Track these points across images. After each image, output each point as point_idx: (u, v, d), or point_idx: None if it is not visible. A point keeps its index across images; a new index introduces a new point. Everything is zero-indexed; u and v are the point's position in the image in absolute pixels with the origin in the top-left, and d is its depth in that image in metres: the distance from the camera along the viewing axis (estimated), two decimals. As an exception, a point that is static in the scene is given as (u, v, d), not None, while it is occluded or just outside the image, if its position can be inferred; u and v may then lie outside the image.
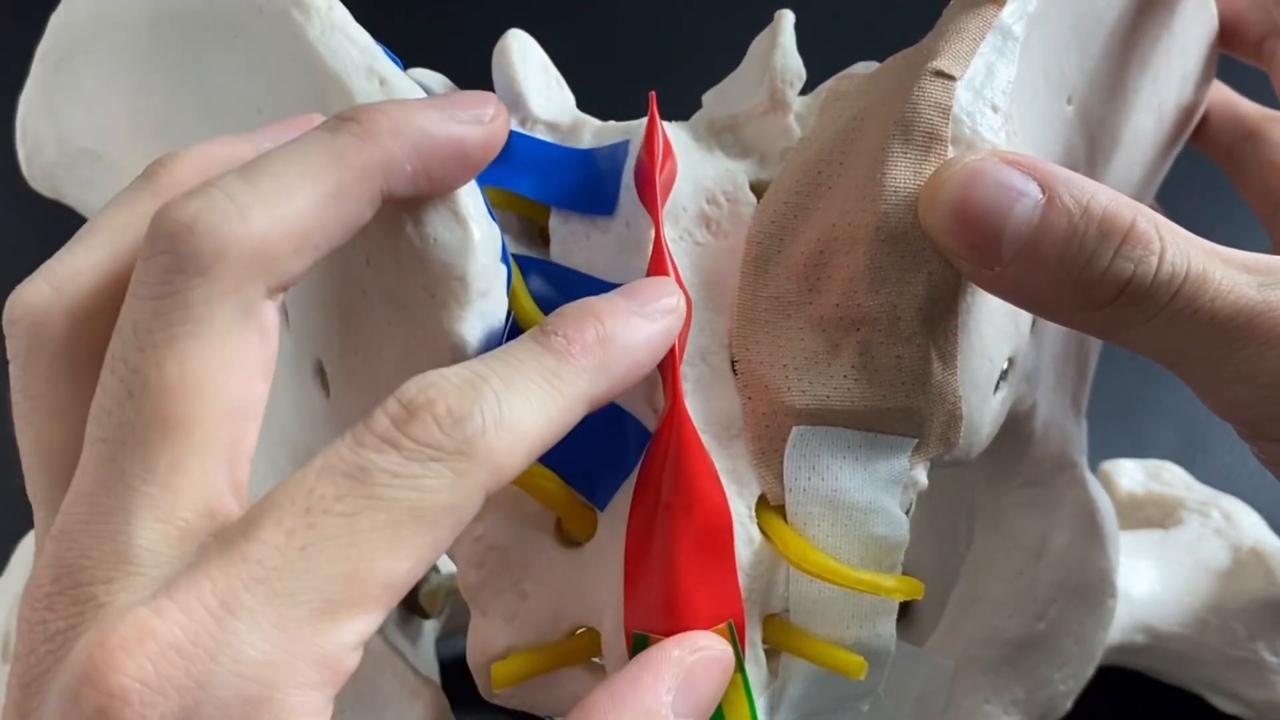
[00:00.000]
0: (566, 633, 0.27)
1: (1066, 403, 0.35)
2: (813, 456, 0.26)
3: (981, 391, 0.27)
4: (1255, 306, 0.25)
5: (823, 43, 0.32)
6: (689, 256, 0.28)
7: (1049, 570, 0.35)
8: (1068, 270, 0.24)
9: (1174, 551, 0.42)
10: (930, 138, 0.25)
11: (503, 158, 0.28)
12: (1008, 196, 0.24)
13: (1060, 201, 0.24)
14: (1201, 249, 0.25)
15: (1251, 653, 0.40)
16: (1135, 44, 0.31)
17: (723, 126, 0.29)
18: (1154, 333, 0.25)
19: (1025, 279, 0.25)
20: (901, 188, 0.25)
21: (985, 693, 0.35)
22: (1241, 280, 0.25)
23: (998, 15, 0.26)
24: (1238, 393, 0.26)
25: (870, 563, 0.26)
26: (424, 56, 0.30)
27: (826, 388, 0.26)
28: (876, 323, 0.26)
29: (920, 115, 0.25)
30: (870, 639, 0.26)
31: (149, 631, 0.19)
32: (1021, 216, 0.24)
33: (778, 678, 0.26)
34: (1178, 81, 0.33)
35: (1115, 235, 0.24)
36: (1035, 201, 0.24)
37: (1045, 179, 0.25)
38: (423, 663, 0.38)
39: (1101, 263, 0.24)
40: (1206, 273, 0.24)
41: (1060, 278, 0.24)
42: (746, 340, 0.26)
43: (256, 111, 0.27)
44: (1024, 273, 0.25)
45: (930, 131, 0.25)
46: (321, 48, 0.25)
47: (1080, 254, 0.24)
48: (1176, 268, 0.24)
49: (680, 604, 0.25)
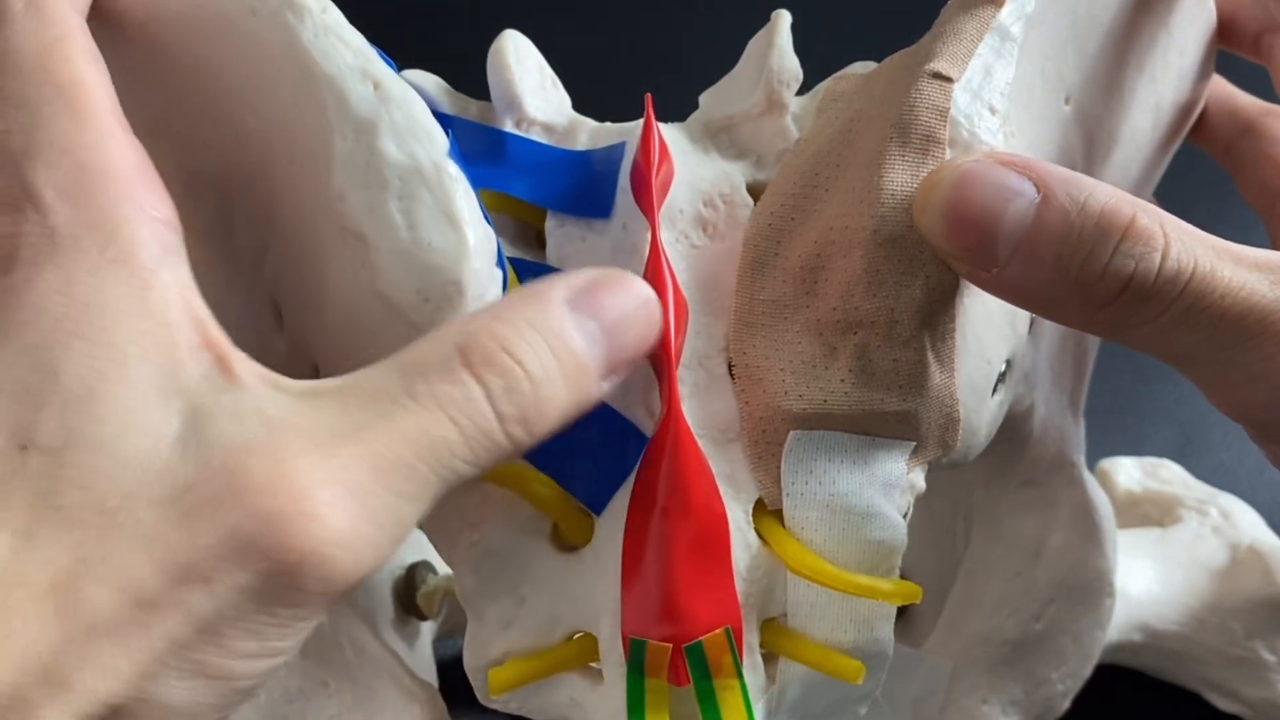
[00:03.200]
0: (563, 638, 0.27)
1: (1064, 402, 0.35)
2: (810, 461, 0.26)
3: (979, 394, 0.27)
4: (1268, 305, 0.24)
5: (819, 43, 0.32)
6: (685, 259, 0.27)
7: (1047, 570, 0.35)
8: (1066, 269, 0.24)
9: (1172, 550, 0.41)
10: (927, 140, 0.25)
11: (498, 160, 0.28)
12: (1002, 196, 0.24)
13: (1056, 200, 0.24)
14: (1209, 245, 0.24)
15: (1250, 651, 0.40)
16: (1133, 43, 0.31)
17: (719, 128, 0.29)
18: (1161, 332, 0.24)
19: (1024, 279, 0.24)
20: (899, 191, 0.25)
21: (983, 693, 0.35)
22: (1252, 278, 0.24)
23: (995, 16, 0.26)
24: (1250, 394, 0.25)
25: (868, 567, 0.26)
26: (418, 58, 0.29)
27: (824, 392, 0.26)
28: (874, 326, 0.25)
29: (917, 118, 0.25)
30: (868, 643, 0.26)
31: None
32: (1017, 216, 0.24)
33: (775, 682, 0.26)
34: (1175, 79, 0.33)
35: (1114, 232, 0.24)
36: (1030, 201, 0.24)
37: (1041, 178, 0.24)
38: (420, 664, 0.38)
39: (1100, 260, 0.24)
40: (1215, 270, 0.24)
41: (1059, 277, 0.24)
42: (743, 344, 0.26)
43: (250, 113, 0.27)
44: (1022, 273, 0.24)
45: (927, 134, 0.25)
46: (315, 50, 0.25)
47: (1078, 252, 0.24)
48: (1182, 264, 0.24)
49: (677, 609, 0.25)
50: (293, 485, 0.21)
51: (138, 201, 0.23)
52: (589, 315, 0.24)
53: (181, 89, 0.28)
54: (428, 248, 0.25)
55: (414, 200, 0.25)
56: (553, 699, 0.27)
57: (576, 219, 0.28)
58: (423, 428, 0.22)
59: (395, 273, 0.25)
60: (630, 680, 0.26)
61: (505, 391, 0.23)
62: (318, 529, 0.21)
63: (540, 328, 0.23)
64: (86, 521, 0.21)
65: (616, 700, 0.26)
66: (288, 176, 0.27)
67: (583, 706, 0.27)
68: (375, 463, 0.22)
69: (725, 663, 0.25)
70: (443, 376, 0.22)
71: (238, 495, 0.21)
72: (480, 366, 0.23)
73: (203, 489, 0.21)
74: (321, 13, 0.26)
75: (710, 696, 0.26)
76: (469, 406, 0.22)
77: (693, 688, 0.26)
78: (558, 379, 0.23)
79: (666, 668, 0.25)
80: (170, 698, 0.21)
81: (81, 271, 0.22)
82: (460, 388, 0.22)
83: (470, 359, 0.23)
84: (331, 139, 0.26)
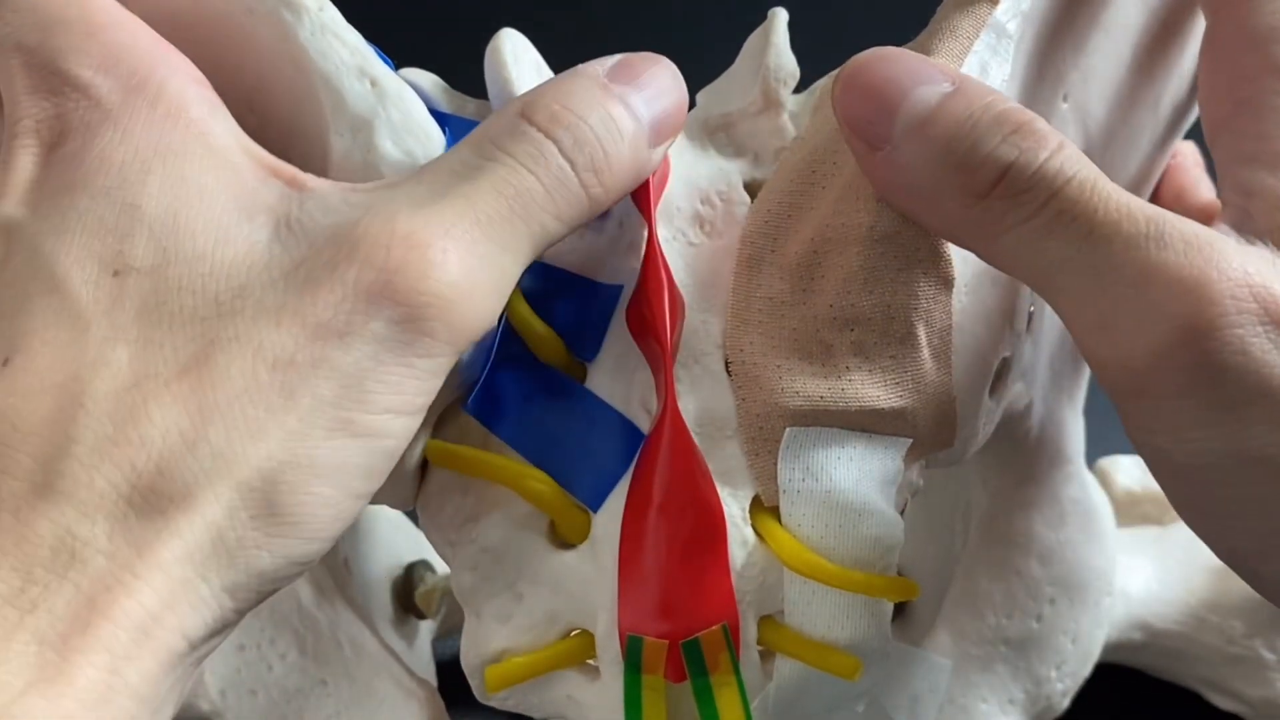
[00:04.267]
0: (561, 634, 0.27)
1: (1063, 400, 0.35)
2: (807, 457, 0.26)
3: (976, 391, 0.27)
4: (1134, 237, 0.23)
5: (816, 41, 0.32)
6: (682, 257, 0.27)
7: (1045, 568, 0.35)
8: (952, 152, 0.23)
9: (1171, 548, 0.41)
10: None
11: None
12: (913, 78, 0.24)
13: (965, 94, 0.24)
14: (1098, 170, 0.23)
15: (1249, 650, 0.40)
16: (1131, 41, 0.31)
17: (716, 126, 0.29)
18: (1031, 238, 0.23)
19: (911, 161, 0.24)
20: (895, 187, 0.25)
21: (982, 691, 0.35)
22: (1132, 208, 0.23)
23: (991, 13, 0.26)
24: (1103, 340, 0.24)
25: (865, 563, 0.26)
26: (416, 56, 0.29)
27: (820, 388, 0.26)
28: (870, 323, 0.25)
29: (913, 114, 0.25)
30: (865, 640, 0.26)
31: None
32: (921, 99, 0.24)
33: (772, 679, 0.26)
34: (1174, 77, 0.33)
35: (1007, 125, 0.23)
36: (940, 91, 0.24)
37: (961, 78, 0.24)
38: (419, 663, 0.38)
39: (985, 146, 0.23)
40: (1096, 184, 0.23)
41: (943, 160, 0.24)
42: (740, 341, 0.26)
43: (248, 111, 0.27)
44: (910, 155, 0.24)
45: None
46: (312, 49, 0.25)
47: (968, 137, 0.23)
48: (1064, 168, 0.23)
49: (674, 605, 0.25)
50: (409, 236, 0.22)
51: (173, 64, 0.24)
52: (626, 84, 0.25)
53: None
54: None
55: (411, 198, 0.25)
56: (550, 696, 0.27)
57: (573, 217, 0.28)
58: (508, 181, 0.23)
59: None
60: (627, 677, 0.26)
61: (575, 143, 0.24)
62: (440, 273, 0.22)
63: (591, 96, 0.25)
64: (205, 315, 0.22)
65: (613, 697, 0.26)
66: (285, 175, 0.27)
67: (580, 703, 0.27)
68: (475, 216, 0.23)
69: (722, 659, 0.25)
70: (514, 138, 0.24)
71: (355, 252, 0.22)
72: (547, 124, 0.24)
73: (316, 258, 0.22)
74: (319, 11, 0.26)
75: (707, 693, 0.26)
76: (544, 159, 0.24)
77: (689, 684, 0.26)
78: (618, 134, 0.24)
79: (663, 664, 0.25)
80: (320, 458, 0.22)
81: (139, 126, 0.23)
82: (533, 144, 0.24)
83: (536, 118, 0.24)
84: (329, 136, 0.26)
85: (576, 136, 0.24)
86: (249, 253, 0.23)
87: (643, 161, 0.25)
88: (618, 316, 0.27)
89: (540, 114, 0.24)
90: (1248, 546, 0.25)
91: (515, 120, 0.24)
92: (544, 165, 0.24)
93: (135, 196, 0.23)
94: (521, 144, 0.24)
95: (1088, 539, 0.35)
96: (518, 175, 0.23)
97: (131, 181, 0.23)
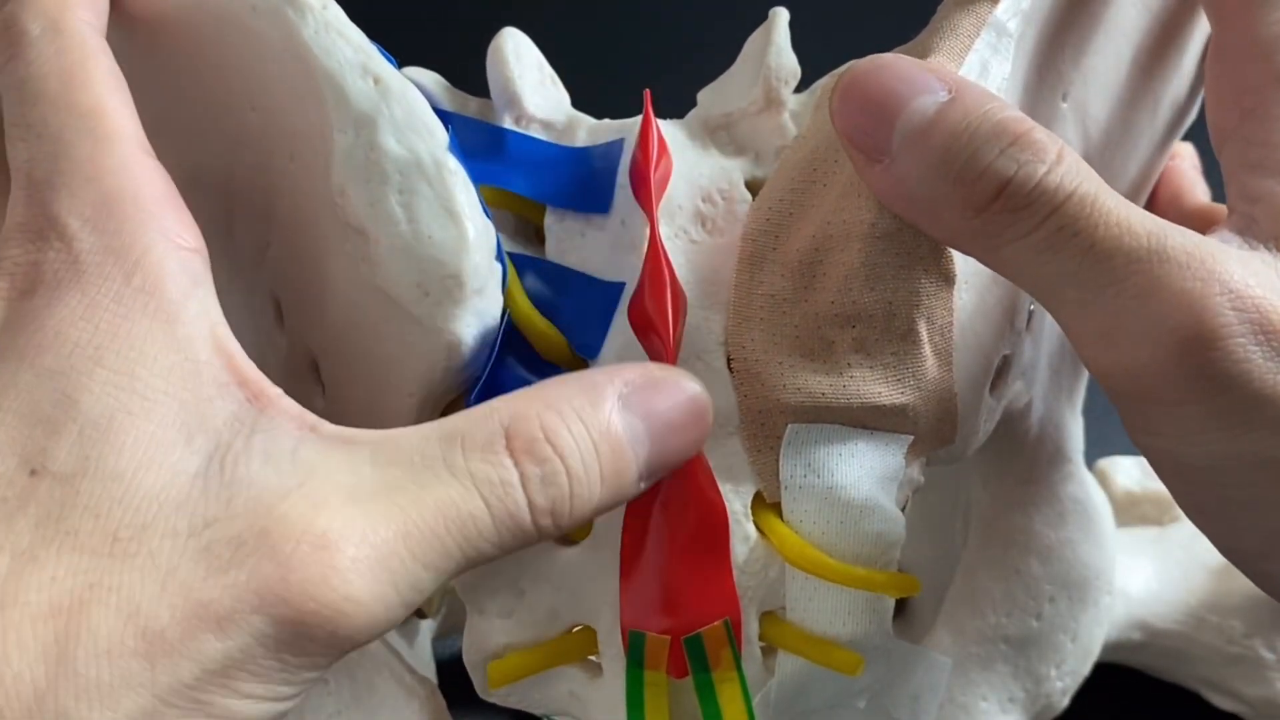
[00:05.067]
0: (563, 631, 0.27)
1: (1063, 400, 0.35)
2: (808, 453, 0.26)
3: (977, 388, 0.27)
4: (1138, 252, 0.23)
5: (817, 40, 0.32)
6: (684, 254, 0.28)
7: (1045, 567, 0.35)
8: (950, 164, 0.23)
9: (1171, 548, 0.41)
10: None
11: (498, 156, 0.28)
12: (912, 88, 0.24)
13: (963, 102, 0.24)
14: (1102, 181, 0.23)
15: (1249, 650, 0.40)
16: (1132, 40, 0.31)
17: (717, 124, 0.29)
18: (1030, 252, 0.23)
19: (910, 173, 0.24)
20: (896, 184, 0.25)
21: (982, 690, 0.35)
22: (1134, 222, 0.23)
23: (992, 12, 0.26)
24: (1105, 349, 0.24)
25: (866, 560, 0.26)
26: (418, 55, 0.30)
27: (822, 385, 0.26)
28: (872, 320, 0.26)
29: (915, 112, 0.25)
30: (867, 636, 0.26)
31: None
32: (919, 109, 0.24)
33: (774, 675, 0.26)
34: (1174, 77, 0.33)
35: (1006, 136, 0.23)
36: (937, 100, 0.24)
37: (958, 84, 0.24)
38: (419, 662, 0.38)
39: (984, 159, 0.23)
40: (1098, 198, 0.23)
41: (942, 172, 0.23)
42: (741, 338, 0.26)
43: (251, 109, 0.27)
44: (909, 167, 0.24)
45: None
46: (315, 46, 0.25)
47: (966, 148, 0.23)
48: (1064, 182, 0.23)
49: (676, 601, 0.25)
50: (323, 536, 0.21)
51: (164, 229, 0.23)
52: (639, 415, 0.24)
53: (182, 86, 0.28)
54: (427, 241, 0.25)
55: (414, 194, 0.25)
56: (552, 692, 0.27)
57: (576, 214, 0.28)
58: (455, 502, 0.22)
59: (395, 267, 0.25)
60: (629, 673, 0.26)
61: (542, 482, 0.23)
62: (340, 583, 0.21)
63: (589, 422, 0.23)
64: (97, 549, 0.20)
65: (615, 693, 0.26)
66: (288, 172, 0.27)
67: (582, 699, 0.27)
68: (405, 528, 0.22)
69: (724, 655, 0.25)
70: (484, 455, 0.22)
71: (264, 539, 0.21)
72: (522, 452, 0.22)
73: (225, 527, 0.21)
74: (322, 9, 0.26)
75: (709, 689, 0.26)
76: (504, 490, 0.22)
77: (691, 680, 0.26)
78: (596, 477, 0.23)
79: (665, 660, 0.25)
80: None
81: (106, 299, 0.22)
82: (499, 470, 0.22)
83: (514, 443, 0.22)
84: (332, 134, 0.26)
85: (548, 476, 0.23)
86: (167, 486, 0.21)
87: (621, 496, 0.24)
88: (620, 313, 0.27)
89: (520, 440, 0.22)
90: (1254, 546, 0.25)
91: (495, 434, 0.23)
92: (500, 498, 0.22)
93: (76, 390, 0.21)
94: (488, 466, 0.22)
95: (1087, 538, 0.35)
96: (469, 501, 0.22)
97: (78, 370, 0.22)
